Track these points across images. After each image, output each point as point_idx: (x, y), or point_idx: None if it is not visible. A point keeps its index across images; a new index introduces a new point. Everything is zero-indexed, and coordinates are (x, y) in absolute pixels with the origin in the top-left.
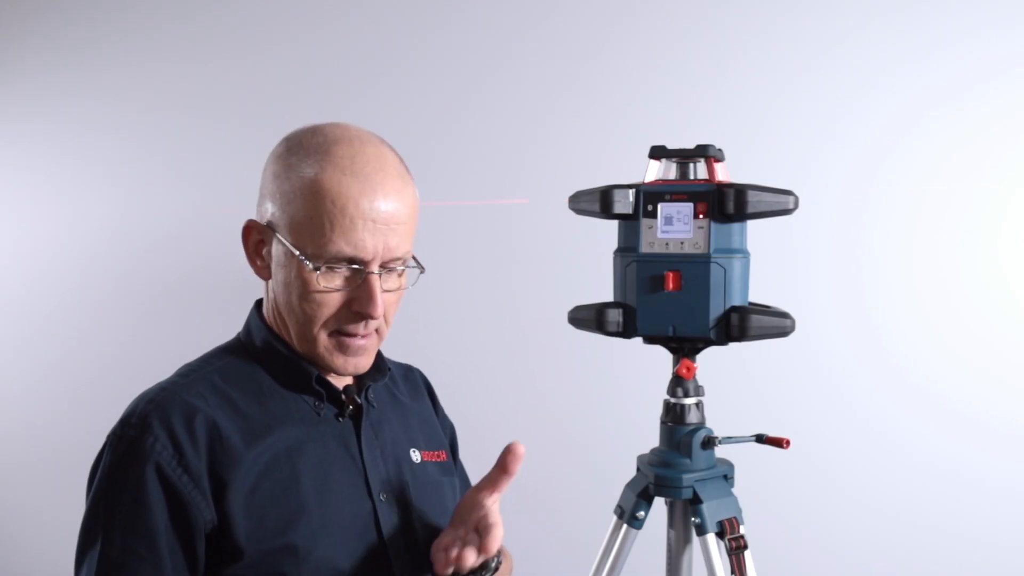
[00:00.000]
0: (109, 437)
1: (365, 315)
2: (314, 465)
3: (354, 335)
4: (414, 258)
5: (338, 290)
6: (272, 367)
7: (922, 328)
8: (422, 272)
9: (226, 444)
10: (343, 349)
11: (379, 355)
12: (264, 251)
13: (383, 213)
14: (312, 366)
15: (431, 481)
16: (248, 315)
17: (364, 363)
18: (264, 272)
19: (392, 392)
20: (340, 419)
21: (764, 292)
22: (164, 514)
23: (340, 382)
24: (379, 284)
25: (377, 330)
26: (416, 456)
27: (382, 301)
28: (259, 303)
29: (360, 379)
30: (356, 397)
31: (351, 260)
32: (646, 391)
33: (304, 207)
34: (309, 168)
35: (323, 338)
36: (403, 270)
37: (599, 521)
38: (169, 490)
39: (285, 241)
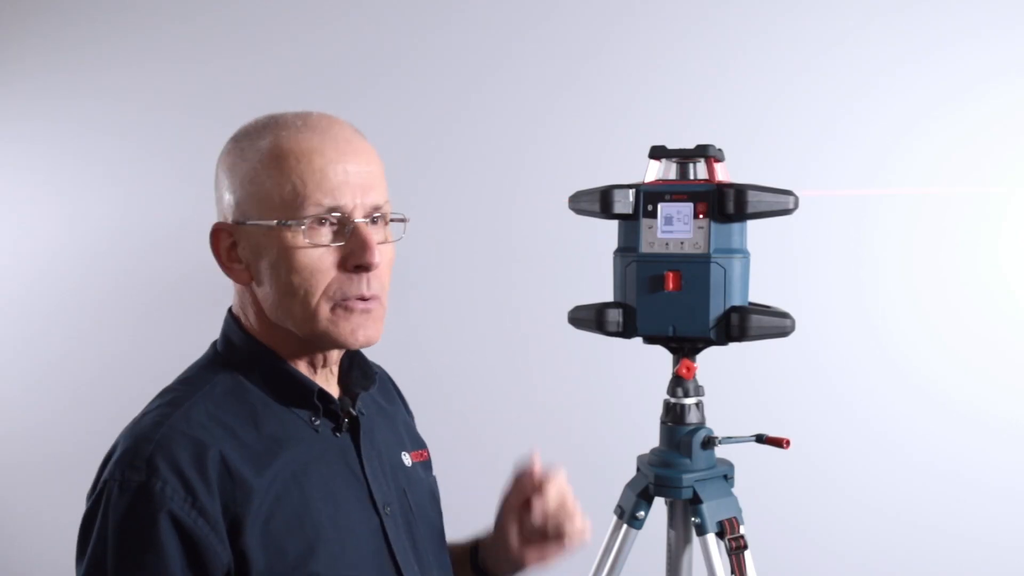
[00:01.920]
0: (106, 483)
1: (364, 267)
2: (321, 487)
3: (358, 298)
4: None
5: (327, 246)
6: (263, 379)
7: (922, 328)
8: (405, 222)
9: (236, 478)
10: (349, 317)
11: (364, 360)
12: (239, 251)
13: (352, 158)
14: (311, 379)
15: (422, 481)
16: (224, 325)
17: (374, 333)
18: (244, 275)
19: (372, 396)
20: (337, 434)
21: (764, 292)
22: (181, 563)
23: (331, 391)
24: (370, 233)
25: (382, 298)
26: (407, 460)
27: (378, 251)
28: (230, 311)
29: (348, 388)
30: (351, 410)
31: (332, 211)
32: (646, 391)
33: (270, 176)
34: (263, 141)
35: (325, 310)
36: (388, 222)
37: (599, 521)
38: (185, 537)
39: (260, 222)
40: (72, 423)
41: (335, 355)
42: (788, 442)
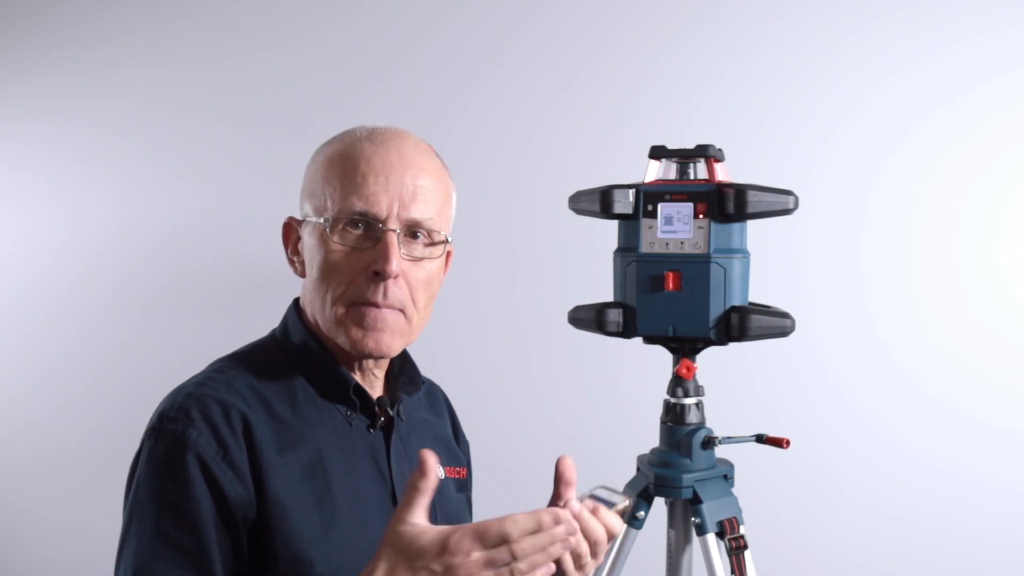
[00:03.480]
0: (148, 432)
1: (381, 274)
2: (345, 475)
3: (371, 304)
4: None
5: (351, 248)
6: (308, 371)
7: (922, 328)
8: (445, 244)
9: (259, 447)
10: (360, 321)
11: (413, 367)
12: (299, 245)
13: (400, 171)
14: (349, 373)
15: (452, 498)
16: (286, 312)
17: (386, 341)
18: (300, 268)
19: (419, 408)
20: (371, 431)
21: (764, 292)
22: (211, 508)
23: (374, 393)
24: (396, 242)
25: (404, 312)
26: (441, 472)
27: (398, 261)
28: (297, 301)
29: (393, 391)
30: (388, 410)
31: (364, 216)
32: (646, 391)
33: (323, 178)
34: (330, 148)
35: (339, 312)
36: (429, 242)
37: None
38: (213, 484)
39: (310, 219)
40: (72, 423)
41: (371, 362)
42: (788, 442)
